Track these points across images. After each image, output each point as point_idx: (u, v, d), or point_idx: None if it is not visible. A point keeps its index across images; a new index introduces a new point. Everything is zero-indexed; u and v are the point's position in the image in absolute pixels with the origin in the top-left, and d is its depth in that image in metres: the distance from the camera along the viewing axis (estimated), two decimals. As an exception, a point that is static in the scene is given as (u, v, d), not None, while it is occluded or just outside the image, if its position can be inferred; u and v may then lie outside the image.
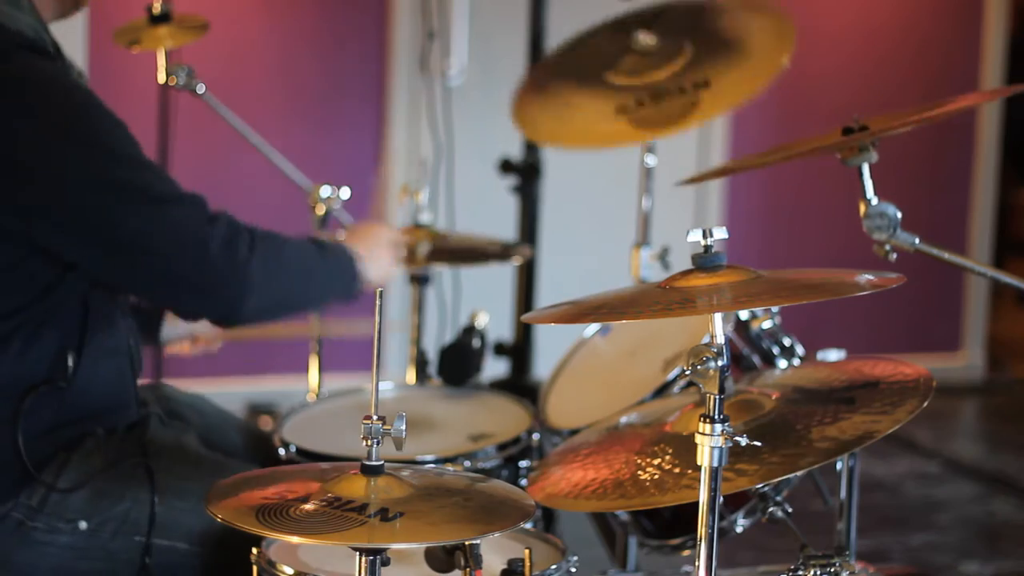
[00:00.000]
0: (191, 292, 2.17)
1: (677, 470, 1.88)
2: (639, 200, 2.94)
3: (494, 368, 4.21)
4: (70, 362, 2.18)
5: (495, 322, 3.03)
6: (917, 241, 2.01)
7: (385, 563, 1.62)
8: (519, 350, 4.36)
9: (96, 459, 2.19)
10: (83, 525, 2.15)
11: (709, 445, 1.68)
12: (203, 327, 2.56)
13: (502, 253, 3.03)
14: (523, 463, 2.37)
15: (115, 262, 2.15)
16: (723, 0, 3.02)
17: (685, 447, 1.91)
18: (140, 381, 2.37)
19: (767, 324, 2.42)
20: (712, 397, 1.68)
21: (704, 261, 1.75)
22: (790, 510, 2.05)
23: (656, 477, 1.89)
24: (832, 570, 1.92)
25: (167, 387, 2.60)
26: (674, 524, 2.27)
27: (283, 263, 2.22)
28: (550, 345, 3.50)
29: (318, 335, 2.74)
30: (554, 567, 1.88)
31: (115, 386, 2.27)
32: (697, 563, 1.73)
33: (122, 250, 2.13)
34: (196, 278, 2.15)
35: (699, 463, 1.70)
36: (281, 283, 2.22)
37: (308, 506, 1.62)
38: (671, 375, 2.36)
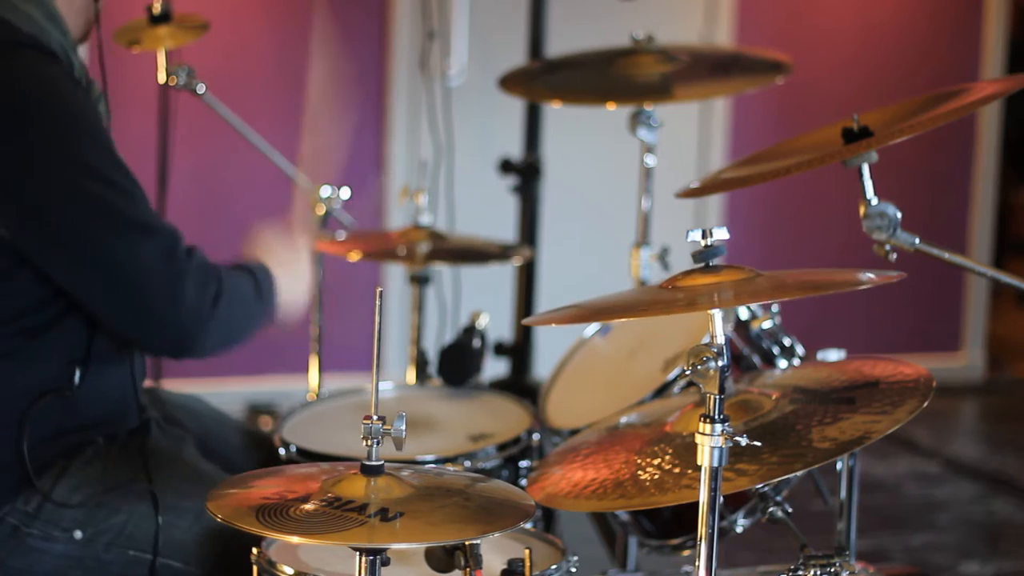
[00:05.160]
0: (152, 326, 2.14)
1: (677, 470, 1.88)
2: (639, 200, 2.94)
3: (494, 368, 4.20)
4: (77, 372, 2.17)
5: (495, 322, 3.02)
6: (917, 241, 2.01)
7: (385, 563, 1.62)
8: (519, 350, 4.36)
9: (95, 468, 2.18)
10: (78, 535, 2.14)
11: (709, 445, 1.69)
12: None
13: (502, 254, 3.02)
14: (523, 463, 2.37)
15: (81, 278, 2.11)
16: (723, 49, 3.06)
17: (685, 447, 1.91)
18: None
19: (767, 324, 2.41)
20: (712, 397, 1.68)
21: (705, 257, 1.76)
22: (790, 510, 2.05)
23: (656, 477, 1.89)
24: (832, 570, 1.92)
25: (162, 391, 2.59)
26: (674, 524, 2.27)
27: (236, 307, 2.21)
28: (550, 345, 3.49)
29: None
30: (554, 567, 1.88)
31: (119, 394, 2.26)
32: (697, 563, 1.73)
33: (87, 267, 2.09)
34: (162, 315, 2.12)
35: (699, 463, 1.70)
36: (232, 326, 2.22)
37: (308, 506, 1.63)
38: (671, 375, 2.36)
